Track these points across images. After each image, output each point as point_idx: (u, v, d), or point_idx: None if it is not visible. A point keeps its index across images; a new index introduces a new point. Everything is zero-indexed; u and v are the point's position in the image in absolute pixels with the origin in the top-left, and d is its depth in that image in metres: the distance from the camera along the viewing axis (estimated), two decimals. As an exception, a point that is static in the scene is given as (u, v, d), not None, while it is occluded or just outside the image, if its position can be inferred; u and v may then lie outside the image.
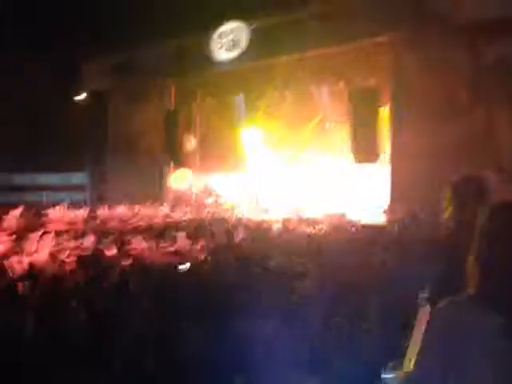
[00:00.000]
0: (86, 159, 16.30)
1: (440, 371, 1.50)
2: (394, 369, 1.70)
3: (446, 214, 2.44)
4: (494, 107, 8.79)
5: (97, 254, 4.86)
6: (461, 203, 2.36)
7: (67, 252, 4.90)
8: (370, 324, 3.40)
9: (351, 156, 11.18)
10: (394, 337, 2.62)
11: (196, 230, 8.17)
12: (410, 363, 1.59)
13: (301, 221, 10.66)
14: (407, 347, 1.61)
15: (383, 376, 1.72)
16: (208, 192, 15.74)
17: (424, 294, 2.38)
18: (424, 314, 1.61)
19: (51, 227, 7.82)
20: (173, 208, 12.67)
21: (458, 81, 9.20)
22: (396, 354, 1.85)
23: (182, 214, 11.19)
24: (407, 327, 2.01)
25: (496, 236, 1.49)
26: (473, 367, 1.45)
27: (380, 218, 11.01)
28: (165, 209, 12.14)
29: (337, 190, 14.24)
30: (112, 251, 5.03)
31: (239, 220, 10.62)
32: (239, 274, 4.51)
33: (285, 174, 15.70)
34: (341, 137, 13.74)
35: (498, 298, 1.43)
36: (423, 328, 1.60)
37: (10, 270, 4.06)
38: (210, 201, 15.40)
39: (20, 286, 3.71)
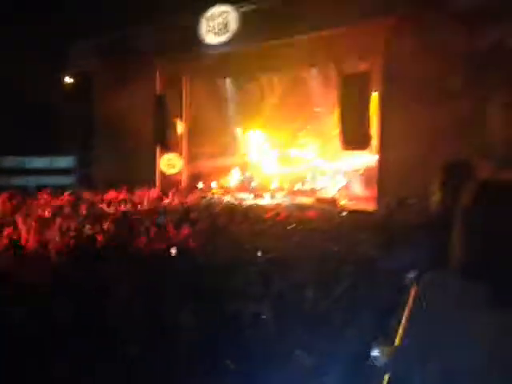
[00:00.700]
0: (73, 143, 16.14)
1: (425, 342, 1.52)
2: (380, 344, 1.73)
3: (435, 199, 2.47)
4: (485, 93, 8.82)
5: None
6: (449, 187, 2.39)
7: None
8: (360, 303, 3.45)
9: (340, 142, 11.10)
10: (384, 315, 2.67)
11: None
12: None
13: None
14: (396, 324, 1.64)
15: (371, 353, 1.75)
16: (199, 176, 15.70)
17: (411, 275, 2.42)
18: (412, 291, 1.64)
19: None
20: (161, 193, 12.62)
21: (450, 66, 9.20)
22: (385, 332, 1.88)
23: (170, 200, 11.11)
24: (397, 305, 2.04)
25: (480, 212, 1.53)
26: (456, 337, 1.47)
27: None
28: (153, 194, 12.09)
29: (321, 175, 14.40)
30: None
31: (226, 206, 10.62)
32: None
33: (276, 158, 15.72)
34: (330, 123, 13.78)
35: (480, 272, 1.46)
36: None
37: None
38: (200, 186, 15.38)
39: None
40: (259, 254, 5.34)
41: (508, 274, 1.45)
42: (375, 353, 1.76)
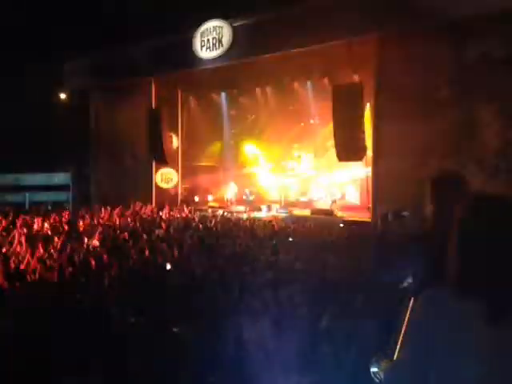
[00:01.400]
0: (69, 159, 16.16)
1: (423, 358, 1.54)
2: (378, 360, 1.74)
3: (427, 211, 2.50)
4: (476, 103, 8.94)
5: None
6: (441, 199, 2.42)
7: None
8: (357, 316, 3.47)
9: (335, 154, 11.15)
10: (381, 328, 2.68)
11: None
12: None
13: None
14: (395, 339, 1.65)
15: (371, 369, 1.76)
16: (195, 190, 15.73)
17: (409, 288, 2.45)
18: (410, 306, 1.66)
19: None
20: (157, 208, 12.57)
21: (441, 78, 9.33)
22: (382, 347, 1.90)
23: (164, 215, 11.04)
24: (394, 319, 2.06)
25: (474, 228, 1.55)
26: (455, 354, 1.49)
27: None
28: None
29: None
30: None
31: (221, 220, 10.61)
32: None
33: (272, 171, 15.78)
34: (325, 134, 13.88)
35: (479, 287, 1.49)
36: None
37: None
38: (197, 199, 15.40)
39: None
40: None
41: (504, 288, 1.47)
42: (374, 368, 1.78)
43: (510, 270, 1.48)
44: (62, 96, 15.72)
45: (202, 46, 12.62)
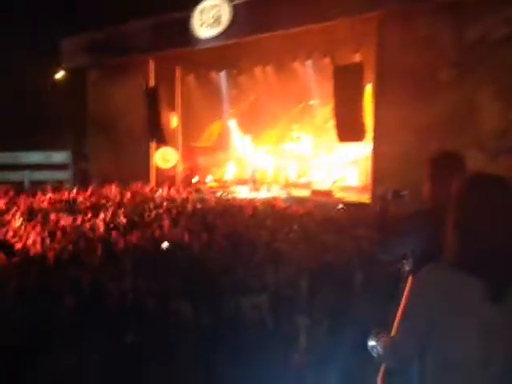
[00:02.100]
0: (68, 138, 16.10)
1: (421, 335, 1.57)
2: (377, 335, 1.77)
3: (426, 189, 2.51)
4: (477, 84, 8.88)
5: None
6: (438, 176, 2.43)
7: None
8: (356, 293, 3.51)
9: (336, 134, 11.11)
10: (380, 305, 2.71)
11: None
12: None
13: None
14: (394, 314, 1.67)
15: (369, 343, 1.79)
16: (194, 170, 15.71)
17: (406, 266, 2.47)
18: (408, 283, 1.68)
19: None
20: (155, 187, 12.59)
21: (442, 59, 9.26)
22: (381, 322, 1.92)
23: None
24: (393, 296, 2.09)
25: (470, 207, 1.57)
26: (454, 328, 1.52)
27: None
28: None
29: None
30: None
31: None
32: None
33: (271, 151, 15.73)
34: (325, 115, 13.82)
35: (476, 263, 1.51)
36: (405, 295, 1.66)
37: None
38: (195, 180, 15.41)
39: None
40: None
41: (500, 266, 1.49)
42: (372, 342, 1.80)
43: (508, 247, 1.50)
44: (60, 74, 15.56)
45: (200, 25, 12.46)
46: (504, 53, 8.50)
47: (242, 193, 13.39)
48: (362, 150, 12.41)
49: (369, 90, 10.99)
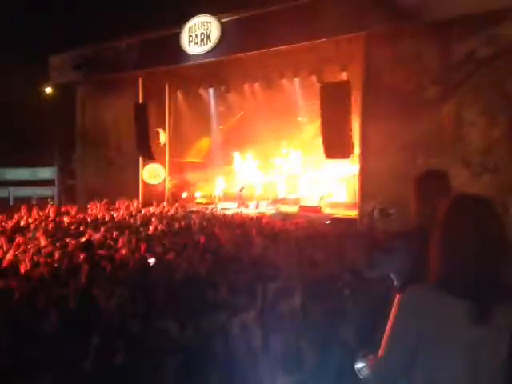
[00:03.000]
0: (55, 154, 16.00)
1: (407, 355, 1.56)
2: (363, 357, 1.75)
3: (412, 208, 2.53)
4: (462, 102, 9.03)
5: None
6: (424, 197, 2.45)
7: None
8: (343, 312, 3.49)
9: (322, 152, 11.17)
10: (366, 325, 2.69)
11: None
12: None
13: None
14: (380, 335, 1.67)
15: (356, 366, 1.77)
16: (183, 186, 15.68)
17: (395, 285, 2.47)
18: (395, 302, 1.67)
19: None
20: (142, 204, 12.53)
21: (427, 77, 9.41)
22: (367, 342, 1.91)
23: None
24: (379, 316, 2.08)
25: (452, 226, 1.58)
26: (439, 348, 1.52)
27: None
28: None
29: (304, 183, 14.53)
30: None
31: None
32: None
33: (260, 167, 15.76)
34: (313, 132, 13.92)
35: (461, 284, 1.51)
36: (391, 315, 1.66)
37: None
38: (184, 195, 15.37)
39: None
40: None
41: (485, 287, 1.50)
42: (359, 365, 1.79)
43: (492, 269, 1.50)
44: (48, 90, 15.53)
45: (189, 42, 12.55)
46: (489, 71, 8.67)
47: (231, 208, 13.37)
48: (350, 167, 12.49)
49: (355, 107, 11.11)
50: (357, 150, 10.81)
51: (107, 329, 3.43)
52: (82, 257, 5.49)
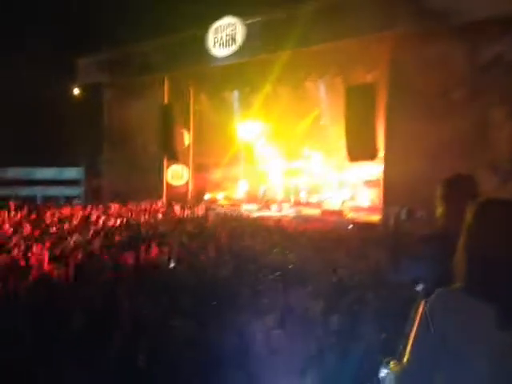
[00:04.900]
0: (82, 154, 16.29)
1: (433, 361, 1.53)
2: (388, 364, 1.72)
3: (438, 213, 2.48)
4: (489, 105, 8.85)
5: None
6: (451, 203, 2.40)
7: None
8: (369, 320, 3.44)
9: (347, 154, 11.08)
10: (392, 331, 2.64)
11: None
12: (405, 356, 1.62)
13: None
14: (404, 342, 1.63)
15: (380, 374, 1.74)
16: (205, 188, 15.77)
17: (419, 289, 2.42)
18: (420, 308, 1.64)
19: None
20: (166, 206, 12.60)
21: (454, 79, 9.26)
22: (392, 349, 1.88)
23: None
24: (405, 321, 2.04)
25: (480, 232, 1.55)
26: (464, 356, 1.48)
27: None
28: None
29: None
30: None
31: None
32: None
33: (283, 170, 15.72)
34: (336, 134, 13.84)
35: (485, 290, 1.48)
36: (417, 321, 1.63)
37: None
38: (207, 197, 15.46)
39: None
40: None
41: (511, 293, 1.46)
42: (383, 373, 1.75)
43: None
44: (76, 91, 15.82)
45: (215, 43, 12.63)
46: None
47: (253, 211, 13.38)
48: (374, 170, 12.37)
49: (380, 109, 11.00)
50: (381, 152, 10.70)
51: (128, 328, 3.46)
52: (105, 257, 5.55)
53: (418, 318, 1.61)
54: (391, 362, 1.77)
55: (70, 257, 5.34)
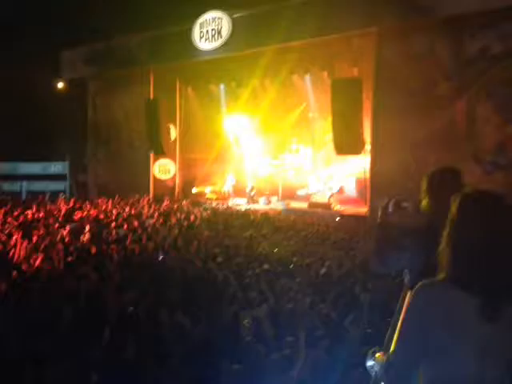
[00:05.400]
0: (67, 148, 16.12)
1: (418, 351, 1.56)
2: (374, 354, 1.75)
3: (423, 205, 2.52)
4: (475, 99, 8.95)
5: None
6: (437, 195, 2.44)
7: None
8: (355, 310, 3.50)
9: (334, 147, 11.13)
10: (380, 322, 2.70)
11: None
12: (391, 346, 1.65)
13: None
14: (390, 331, 1.67)
15: (367, 363, 1.77)
16: (193, 182, 15.73)
17: (405, 280, 2.47)
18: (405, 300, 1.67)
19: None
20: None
21: (440, 73, 9.34)
22: (380, 341, 1.91)
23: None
24: (390, 311, 2.08)
25: (463, 223, 1.57)
26: (449, 346, 1.52)
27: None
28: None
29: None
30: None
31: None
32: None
33: (270, 164, 15.74)
34: (323, 128, 13.89)
35: (468, 281, 1.51)
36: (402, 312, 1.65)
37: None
38: (194, 191, 15.43)
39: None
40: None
41: (495, 284, 1.49)
42: (370, 362, 1.78)
43: (505, 265, 1.50)
44: (60, 85, 15.64)
45: (200, 37, 12.56)
46: (502, 67, 8.59)
47: (240, 204, 13.40)
48: (360, 163, 12.46)
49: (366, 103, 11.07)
50: (367, 146, 10.78)
51: (118, 322, 3.47)
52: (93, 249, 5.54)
53: (404, 308, 1.64)
54: (377, 353, 1.80)
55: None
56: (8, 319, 3.42)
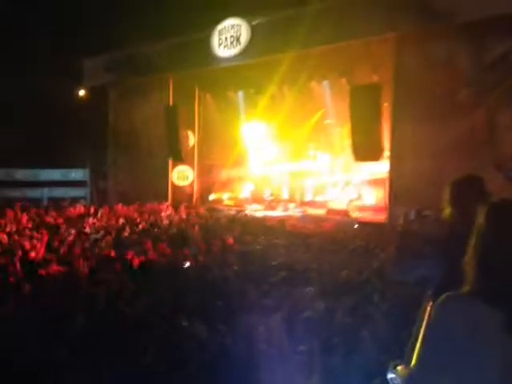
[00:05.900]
0: (87, 155, 16.34)
1: (441, 366, 1.51)
2: (395, 367, 1.71)
3: (445, 214, 2.46)
4: (495, 106, 8.80)
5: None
6: (460, 203, 2.39)
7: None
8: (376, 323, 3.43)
9: (352, 154, 11.06)
10: (399, 333, 2.64)
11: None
12: (413, 359, 1.60)
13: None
14: (412, 344, 1.63)
15: (388, 376, 1.73)
16: (211, 188, 15.79)
17: (428, 291, 2.41)
18: (427, 311, 1.63)
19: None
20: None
21: (460, 79, 9.21)
22: (399, 352, 1.87)
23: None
24: (412, 324, 2.03)
25: (491, 234, 1.51)
26: (473, 362, 1.46)
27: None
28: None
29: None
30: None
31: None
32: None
33: (288, 170, 15.69)
34: (341, 134, 13.81)
35: (495, 294, 1.45)
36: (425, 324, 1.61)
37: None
38: (212, 198, 15.48)
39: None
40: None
41: None
42: (391, 374, 1.75)
43: None
44: (81, 93, 15.89)
45: (219, 44, 12.64)
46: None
47: (258, 211, 13.39)
48: (379, 170, 12.34)
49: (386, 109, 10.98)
50: (386, 152, 10.68)
51: (135, 329, 3.48)
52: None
53: (425, 321, 1.59)
54: (398, 366, 1.76)
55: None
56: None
